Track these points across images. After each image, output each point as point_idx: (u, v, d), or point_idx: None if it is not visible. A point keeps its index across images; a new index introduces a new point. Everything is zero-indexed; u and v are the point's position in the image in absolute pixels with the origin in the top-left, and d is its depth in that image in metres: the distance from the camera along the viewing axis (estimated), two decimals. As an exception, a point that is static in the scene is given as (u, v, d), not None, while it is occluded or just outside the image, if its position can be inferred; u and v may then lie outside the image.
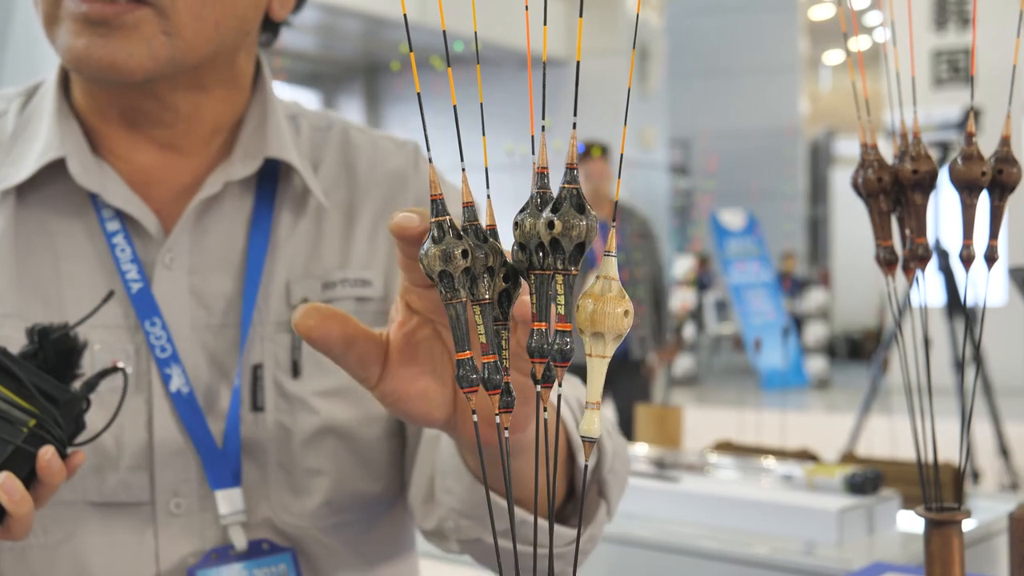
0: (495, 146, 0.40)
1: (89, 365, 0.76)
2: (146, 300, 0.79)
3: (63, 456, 0.66)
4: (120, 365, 0.72)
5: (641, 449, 1.76)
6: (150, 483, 0.79)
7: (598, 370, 0.37)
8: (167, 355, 0.79)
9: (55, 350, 0.67)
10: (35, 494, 0.65)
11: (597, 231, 0.36)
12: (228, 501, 0.79)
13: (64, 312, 0.78)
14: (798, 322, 9.64)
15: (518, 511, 0.69)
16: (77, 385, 0.68)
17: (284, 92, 0.94)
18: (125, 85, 0.78)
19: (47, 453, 0.64)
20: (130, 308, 0.79)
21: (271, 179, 0.85)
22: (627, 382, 4.22)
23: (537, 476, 0.37)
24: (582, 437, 0.37)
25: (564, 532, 0.73)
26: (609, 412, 4.17)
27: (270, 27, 0.87)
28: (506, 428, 0.38)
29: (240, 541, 0.79)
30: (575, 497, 0.75)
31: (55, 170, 0.81)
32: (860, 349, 11.17)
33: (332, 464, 0.82)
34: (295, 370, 0.81)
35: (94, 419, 0.74)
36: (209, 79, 0.82)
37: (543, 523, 0.69)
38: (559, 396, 0.37)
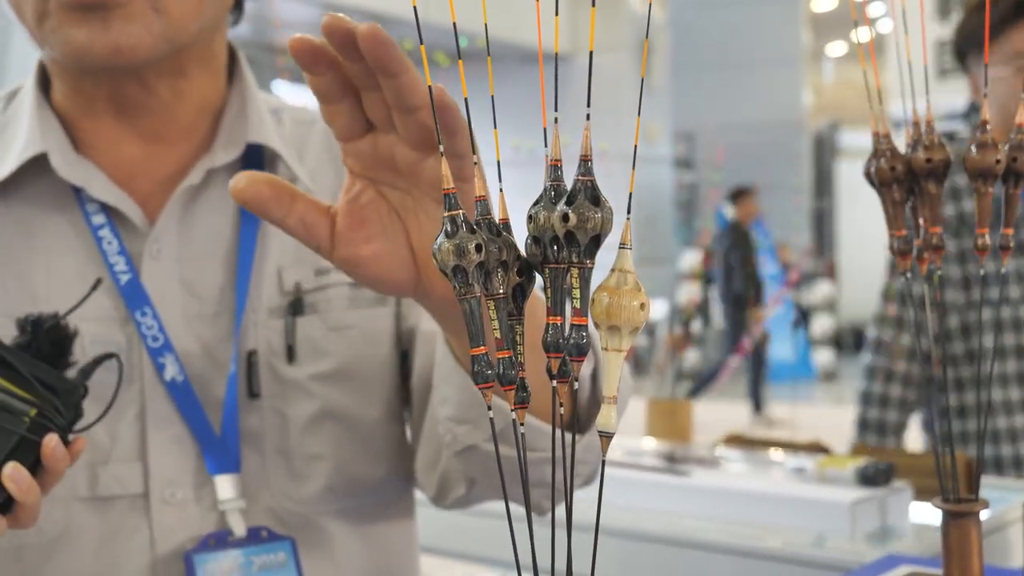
0: (500, 143, 0.40)
1: (80, 358, 0.76)
2: (135, 290, 0.79)
3: (66, 443, 0.66)
4: (113, 351, 0.72)
5: (650, 443, 1.76)
6: (143, 474, 0.79)
7: (614, 364, 0.37)
8: (159, 344, 0.79)
9: (48, 340, 0.68)
10: (40, 482, 0.65)
11: (612, 223, 0.36)
12: (227, 486, 0.79)
13: (53, 307, 0.78)
14: (805, 315, 9.64)
15: (507, 412, 0.69)
16: (72, 373, 0.69)
17: (285, 91, 0.94)
18: (126, 70, 0.78)
19: (51, 440, 0.64)
20: (119, 300, 0.79)
21: (256, 167, 0.85)
22: None
23: (554, 453, 0.37)
24: (599, 432, 0.37)
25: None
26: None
27: (236, 7, 0.87)
28: (522, 424, 0.38)
29: (239, 527, 0.79)
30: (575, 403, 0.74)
31: (37, 167, 0.81)
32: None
33: (332, 449, 0.82)
34: (290, 355, 0.81)
35: (87, 411, 0.74)
36: (189, 64, 0.82)
37: (538, 424, 0.69)
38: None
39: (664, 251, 9.69)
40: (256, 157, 0.85)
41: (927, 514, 1.44)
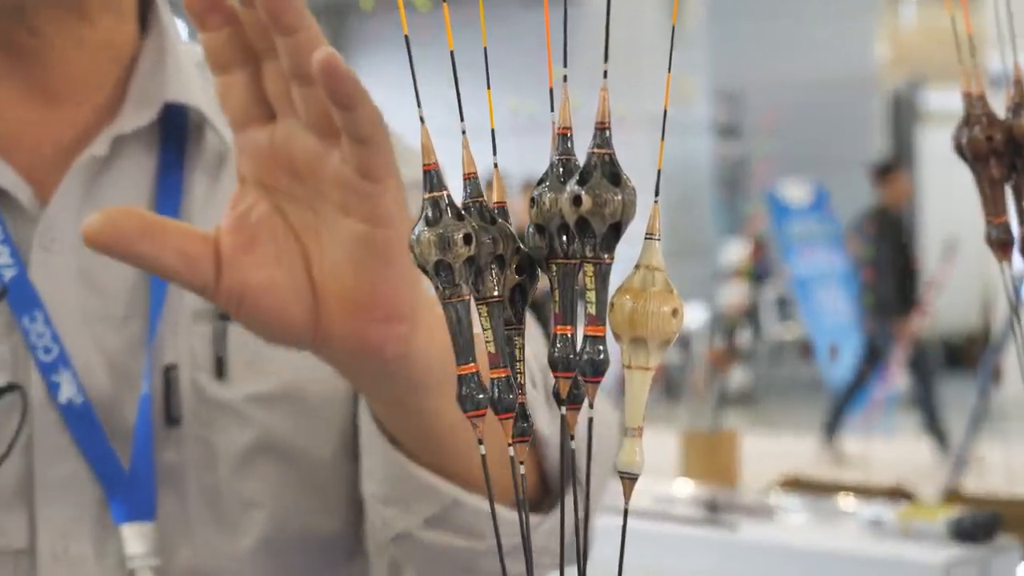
0: (495, 106, 0.40)
1: None
2: (23, 290, 0.79)
3: None
4: (16, 382, 0.72)
5: (686, 487, 1.77)
6: (29, 524, 0.78)
7: (640, 386, 0.37)
8: (52, 357, 0.78)
9: None
10: None
11: (635, 207, 0.37)
12: (137, 539, 0.78)
13: None
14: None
15: (459, 491, 0.72)
16: None
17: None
18: (7, 10, 0.79)
19: None
20: (2, 302, 0.79)
21: (178, 134, 0.85)
22: None
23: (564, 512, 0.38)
24: (621, 473, 0.37)
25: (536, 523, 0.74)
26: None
27: None
28: (521, 462, 0.39)
29: None
30: (546, 481, 0.75)
31: None
32: (961, 356, 11.15)
33: (271, 493, 0.82)
34: (219, 369, 0.81)
35: None
36: (89, 2, 0.82)
37: (503, 513, 0.69)
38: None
39: (701, 242, 9.71)
40: (177, 121, 0.85)
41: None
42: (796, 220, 9.14)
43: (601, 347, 0.37)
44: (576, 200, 0.36)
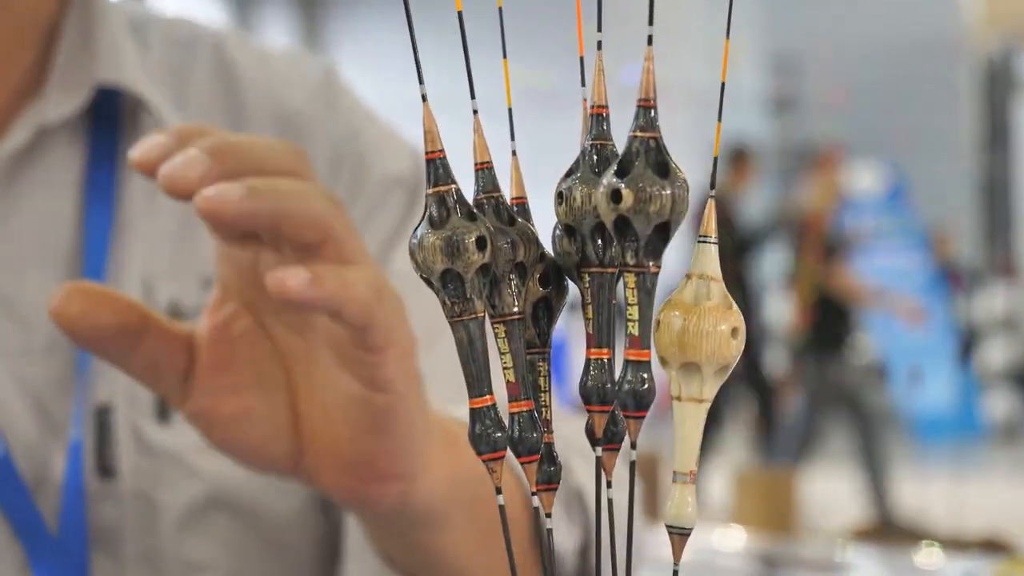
0: (500, 76, 0.40)
1: None
2: None
3: None
4: None
5: (737, 537, 1.76)
6: None
7: (692, 422, 0.37)
8: None
9: None
10: None
11: (687, 204, 0.36)
12: None
13: None
14: (969, 339, 9.63)
15: None
16: None
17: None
18: None
19: None
20: None
21: (110, 121, 0.85)
22: None
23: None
24: (670, 528, 0.37)
25: None
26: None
27: None
28: (548, 514, 0.38)
29: None
30: None
31: None
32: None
33: (225, 555, 0.82)
34: (163, 411, 0.81)
35: None
36: None
37: None
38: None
39: (751, 241, 9.69)
40: (110, 105, 0.84)
41: None
42: (867, 214, 9.13)
43: (645, 374, 0.37)
44: (614, 195, 0.36)
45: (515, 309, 0.38)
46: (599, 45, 0.37)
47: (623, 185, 0.36)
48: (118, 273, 0.82)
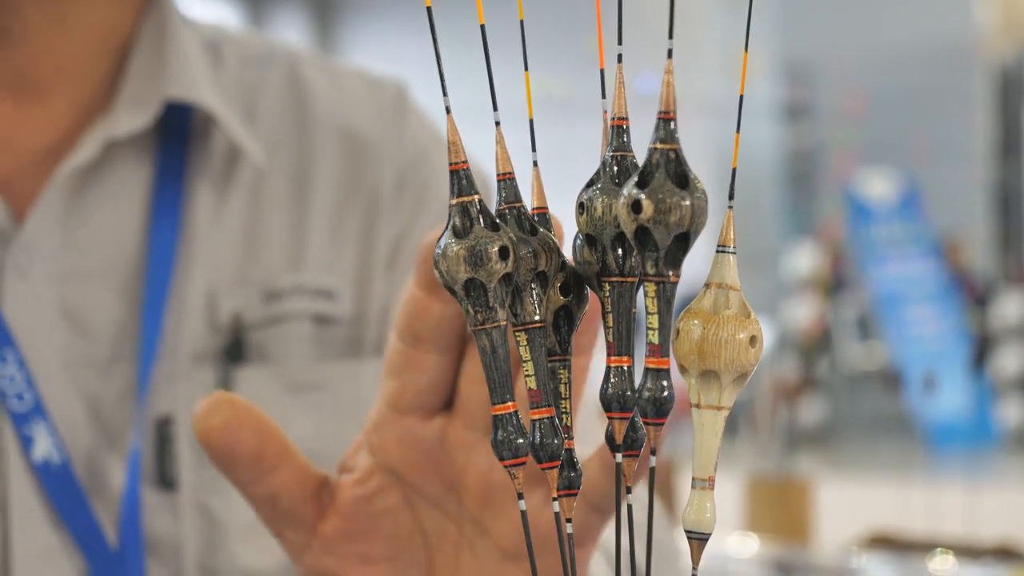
0: (521, 86, 0.40)
1: None
2: None
3: None
4: None
5: (750, 544, 1.76)
6: None
7: (711, 430, 0.37)
8: (27, 408, 0.79)
9: None
10: None
11: (707, 215, 0.37)
12: None
13: None
14: (983, 347, 9.58)
15: None
16: None
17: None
18: None
19: None
20: None
21: (180, 136, 0.85)
22: None
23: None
24: (688, 533, 0.37)
25: None
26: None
27: None
28: (568, 520, 0.39)
29: None
30: None
31: None
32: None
33: (284, 565, 0.81)
34: None
35: None
36: None
37: None
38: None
39: (764, 248, 9.67)
40: (180, 120, 0.85)
41: None
42: (880, 222, 9.09)
43: (665, 382, 0.37)
44: (635, 206, 0.36)
45: (536, 317, 0.38)
46: (619, 58, 0.37)
47: (643, 196, 0.36)
48: (182, 287, 0.83)
